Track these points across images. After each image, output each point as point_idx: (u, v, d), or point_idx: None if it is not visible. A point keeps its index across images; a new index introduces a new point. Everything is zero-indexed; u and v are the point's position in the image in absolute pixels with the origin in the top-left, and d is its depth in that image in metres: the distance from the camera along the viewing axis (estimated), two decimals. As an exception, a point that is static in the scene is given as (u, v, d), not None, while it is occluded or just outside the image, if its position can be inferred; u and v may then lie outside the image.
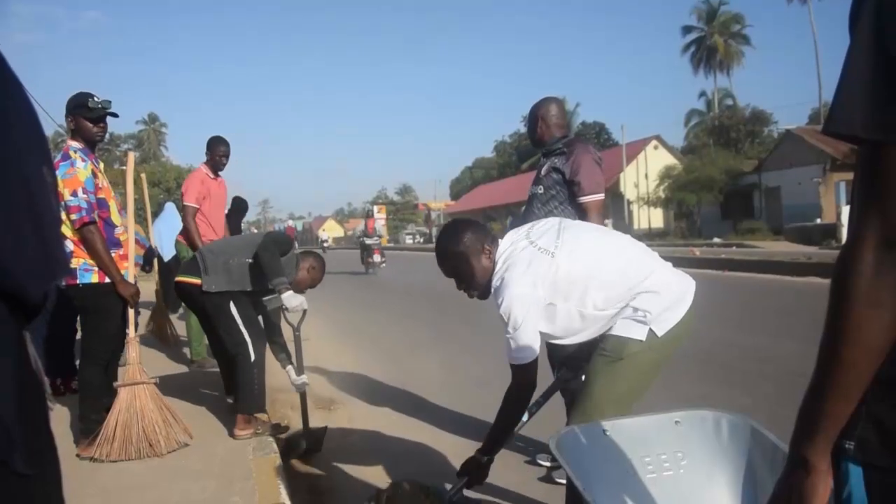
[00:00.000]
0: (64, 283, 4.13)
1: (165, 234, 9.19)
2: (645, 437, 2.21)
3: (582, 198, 3.90)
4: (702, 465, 2.17)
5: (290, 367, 4.92)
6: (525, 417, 3.15)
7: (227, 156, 6.77)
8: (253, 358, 4.63)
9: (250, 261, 4.69)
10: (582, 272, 2.78)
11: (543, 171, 4.09)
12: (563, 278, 2.77)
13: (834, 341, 1.02)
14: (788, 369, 6.16)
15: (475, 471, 3.03)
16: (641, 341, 2.72)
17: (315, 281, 4.95)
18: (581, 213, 3.89)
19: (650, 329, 2.73)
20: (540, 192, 4.06)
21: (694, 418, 2.24)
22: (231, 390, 5.07)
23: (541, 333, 2.84)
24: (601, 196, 3.94)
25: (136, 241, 4.81)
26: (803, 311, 9.98)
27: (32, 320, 1.09)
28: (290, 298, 4.51)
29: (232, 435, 4.59)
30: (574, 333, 2.89)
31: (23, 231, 1.00)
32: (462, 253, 2.96)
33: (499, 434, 3.02)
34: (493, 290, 2.91)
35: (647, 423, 2.25)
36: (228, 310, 4.68)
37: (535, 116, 4.19)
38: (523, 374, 2.86)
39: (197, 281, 4.72)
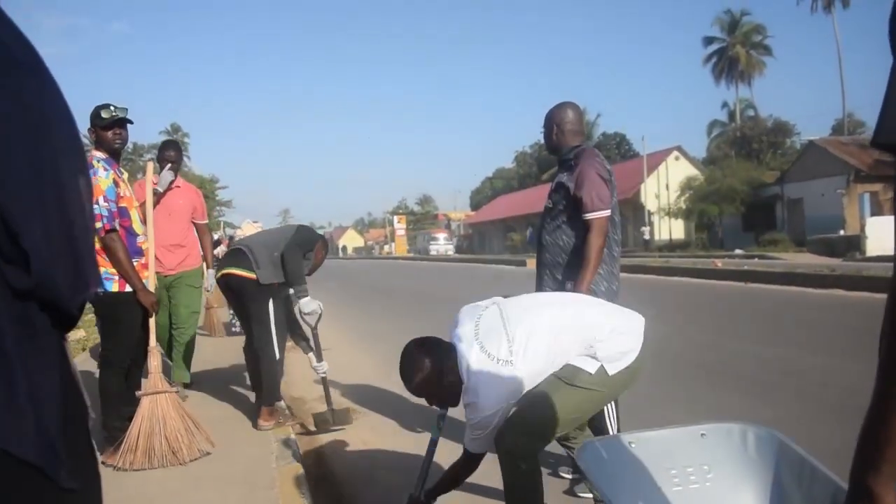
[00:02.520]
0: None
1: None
2: (670, 450, 2.19)
3: (585, 215, 3.74)
4: (728, 478, 2.14)
5: (311, 355, 5.37)
6: (434, 436, 3.46)
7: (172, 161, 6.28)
8: (277, 356, 5.08)
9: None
10: (543, 362, 2.89)
11: (554, 185, 4.00)
12: (528, 377, 2.87)
13: None
14: (812, 382, 6.11)
15: None
16: (591, 374, 2.86)
17: (322, 259, 5.51)
18: (585, 228, 3.77)
19: (601, 366, 2.87)
20: (549, 206, 3.99)
21: (720, 431, 2.21)
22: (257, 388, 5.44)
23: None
24: (605, 213, 3.73)
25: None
26: (827, 323, 9.89)
27: (69, 331, 1.10)
28: (308, 304, 4.98)
29: (256, 426, 4.97)
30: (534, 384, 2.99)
31: (59, 240, 1.00)
32: (428, 380, 3.03)
33: (447, 487, 3.31)
34: (465, 406, 2.98)
35: (673, 436, 2.22)
36: (267, 307, 5.08)
37: (551, 123, 4.04)
38: (475, 460, 3.11)
39: (250, 275, 5.04)
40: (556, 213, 3.92)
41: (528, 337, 2.86)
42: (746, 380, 6.36)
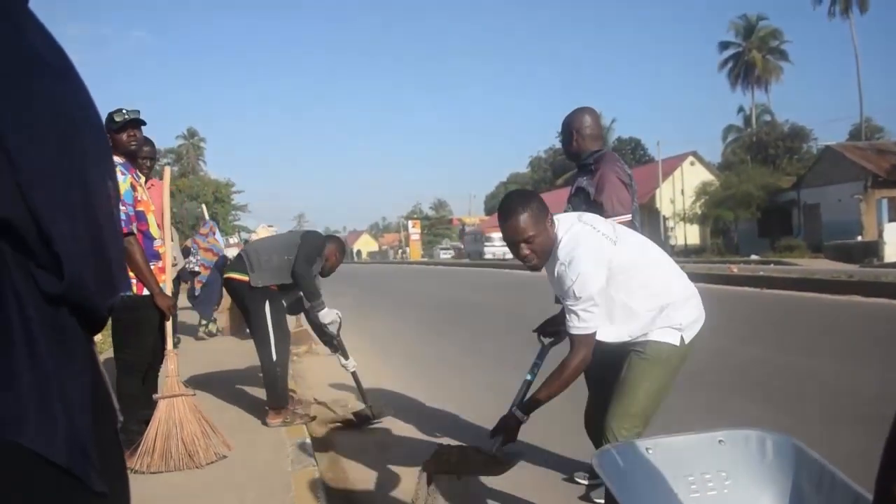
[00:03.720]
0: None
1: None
2: (688, 456, 2.19)
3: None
4: (747, 485, 2.14)
5: (338, 355, 5.61)
6: (530, 377, 3.37)
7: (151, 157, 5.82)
8: (275, 357, 5.21)
9: (290, 258, 5.26)
10: (633, 264, 3.01)
11: (573, 190, 3.99)
12: (618, 266, 2.96)
13: None
14: (829, 389, 6.06)
15: (511, 429, 3.15)
16: (676, 346, 2.98)
17: (338, 262, 5.66)
18: None
19: (681, 335, 3.00)
20: (569, 210, 3.99)
21: (738, 437, 2.21)
22: None
23: None
24: (626, 218, 3.74)
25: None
26: (844, 329, 9.81)
27: (97, 334, 1.11)
28: (326, 315, 5.24)
29: (264, 423, 5.22)
30: (609, 324, 3.05)
31: (88, 244, 1.02)
32: (532, 216, 2.96)
33: (543, 399, 3.08)
34: (558, 263, 2.98)
35: (690, 442, 2.22)
36: (263, 310, 5.24)
37: (570, 129, 4.00)
38: (585, 345, 2.96)
39: (244, 277, 5.27)
40: None
41: (632, 238, 3.11)
42: (762, 386, 6.33)
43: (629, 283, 3.00)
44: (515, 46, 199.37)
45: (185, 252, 11.33)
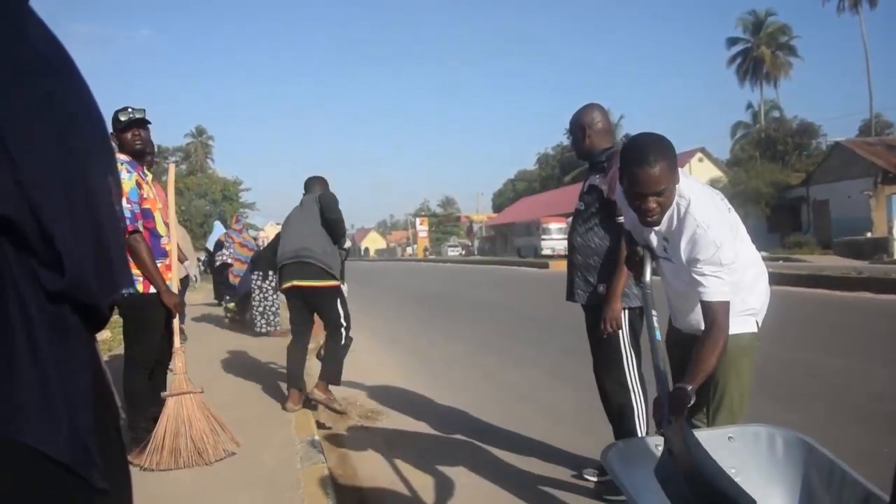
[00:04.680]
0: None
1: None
2: (697, 453, 2.17)
3: (619, 218, 3.66)
4: (756, 481, 2.12)
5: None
6: (658, 334, 2.82)
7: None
8: (344, 341, 5.64)
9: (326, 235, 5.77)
10: (740, 234, 2.85)
11: (585, 188, 3.95)
12: (731, 231, 2.77)
13: None
14: (837, 385, 6.04)
15: (683, 405, 2.51)
16: (754, 333, 2.93)
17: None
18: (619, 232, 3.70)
19: (756, 321, 2.95)
20: (581, 208, 3.94)
21: (747, 434, 2.20)
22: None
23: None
24: None
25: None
26: (854, 326, 9.77)
27: (99, 331, 1.11)
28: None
29: (309, 393, 5.52)
30: (692, 311, 2.90)
31: (89, 240, 1.01)
32: (669, 166, 2.66)
33: (707, 371, 2.63)
34: (695, 225, 2.70)
35: (700, 439, 2.21)
36: (342, 294, 5.79)
37: (581, 125, 3.92)
38: (725, 313, 2.68)
39: (324, 283, 5.60)
40: (589, 216, 3.88)
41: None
42: (771, 383, 6.29)
43: (737, 253, 2.79)
44: (522, 44, 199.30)
45: (219, 245, 12.85)
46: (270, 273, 10.08)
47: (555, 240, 40.99)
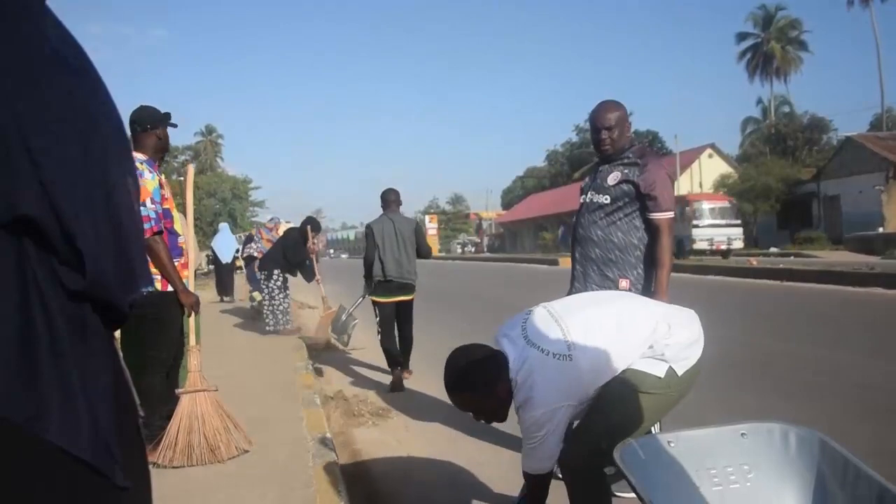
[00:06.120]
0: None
1: (223, 246, 15.83)
2: (710, 450, 2.17)
3: (656, 214, 3.72)
4: (770, 478, 2.12)
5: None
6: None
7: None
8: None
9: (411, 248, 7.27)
10: (604, 359, 2.67)
11: (611, 181, 3.87)
12: (588, 372, 2.67)
13: None
14: (849, 381, 6.02)
15: None
16: (660, 377, 2.69)
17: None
18: (650, 228, 3.77)
19: (670, 367, 2.70)
20: (605, 201, 3.87)
21: (760, 430, 2.19)
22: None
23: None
24: (672, 214, 3.79)
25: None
26: (865, 322, 9.74)
27: (118, 329, 1.12)
28: None
29: (398, 384, 6.82)
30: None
31: (109, 239, 1.02)
32: (477, 395, 2.77)
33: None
34: (517, 409, 2.75)
35: (712, 435, 2.20)
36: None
37: (607, 122, 3.86)
38: (541, 485, 2.81)
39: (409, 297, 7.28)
40: (614, 210, 3.84)
41: (586, 331, 2.67)
42: (783, 379, 6.29)
43: (607, 371, 2.68)
44: (531, 41, 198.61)
45: (249, 239, 14.63)
46: (275, 273, 10.11)
47: (715, 227, 30.44)
